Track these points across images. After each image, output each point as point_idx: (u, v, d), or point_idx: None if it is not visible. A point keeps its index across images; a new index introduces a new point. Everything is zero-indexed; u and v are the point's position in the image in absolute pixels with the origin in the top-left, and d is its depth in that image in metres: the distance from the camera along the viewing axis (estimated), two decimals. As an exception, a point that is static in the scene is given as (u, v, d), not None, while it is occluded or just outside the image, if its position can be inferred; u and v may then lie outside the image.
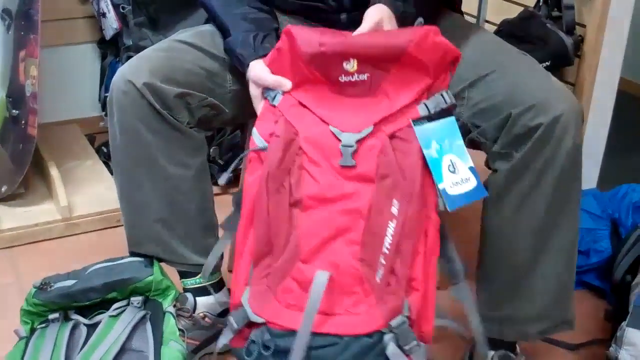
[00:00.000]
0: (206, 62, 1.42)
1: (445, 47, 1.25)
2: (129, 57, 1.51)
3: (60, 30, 2.43)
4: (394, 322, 1.16)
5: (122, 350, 1.37)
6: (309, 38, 1.26)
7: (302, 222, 1.22)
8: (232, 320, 1.22)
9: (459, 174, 1.26)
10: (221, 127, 2.25)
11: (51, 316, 1.46)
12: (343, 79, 1.26)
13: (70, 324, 1.44)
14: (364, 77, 1.26)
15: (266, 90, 1.31)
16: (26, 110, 1.98)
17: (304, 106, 1.28)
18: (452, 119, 1.27)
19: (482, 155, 1.43)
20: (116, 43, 2.38)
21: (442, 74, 1.27)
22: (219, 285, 1.60)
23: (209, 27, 1.48)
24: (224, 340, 1.24)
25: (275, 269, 1.21)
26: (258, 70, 1.32)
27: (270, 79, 1.30)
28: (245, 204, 1.25)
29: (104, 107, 2.45)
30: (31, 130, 1.97)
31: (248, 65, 1.34)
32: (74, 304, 1.46)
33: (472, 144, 1.43)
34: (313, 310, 1.15)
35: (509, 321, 1.42)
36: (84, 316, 1.48)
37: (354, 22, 1.31)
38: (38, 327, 1.47)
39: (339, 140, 1.23)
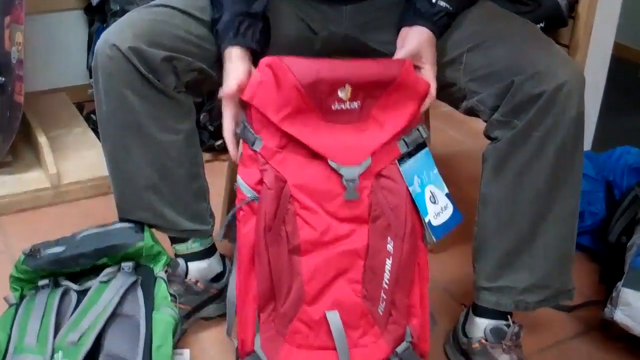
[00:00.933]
0: (192, 26, 1.39)
1: (420, 78, 1.32)
2: (117, 23, 1.48)
3: (46, -4, 2.39)
4: (399, 349, 1.30)
5: (113, 315, 1.36)
6: (304, 66, 1.25)
7: (302, 267, 1.27)
8: None
9: (438, 203, 1.34)
10: (211, 93, 2.21)
11: (41, 283, 1.45)
12: (336, 106, 1.27)
13: (60, 290, 1.43)
14: (356, 105, 1.28)
15: (244, 133, 1.30)
16: (12, 77, 1.95)
17: (293, 140, 1.27)
18: (426, 150, 1.34)
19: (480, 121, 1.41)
20: (103, 9, 2.34)
21: (421, 103, 1.32)
22: (210, 251, 1.59)
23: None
24: None
25: (281, 314, 1.28)
26: (232, 70, 1.31)
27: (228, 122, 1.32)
28: (242, 254, 1.29)
29: (92, 74, 2.41)
30: (18, 97, 1.94)
31: (224, 50, 1.33)
32: (64, 270, 1.45)
33: (469, 111, 1.41)
34: (343, 346, 1.27)
35: (508, 291, 1.41)
36: (74, 282, 1.47)
37: None
38: (28, 293, 1.46)
39: (339, 176, 1.27)
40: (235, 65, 1.31)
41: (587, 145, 2.18)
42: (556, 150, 1.31)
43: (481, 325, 1.44)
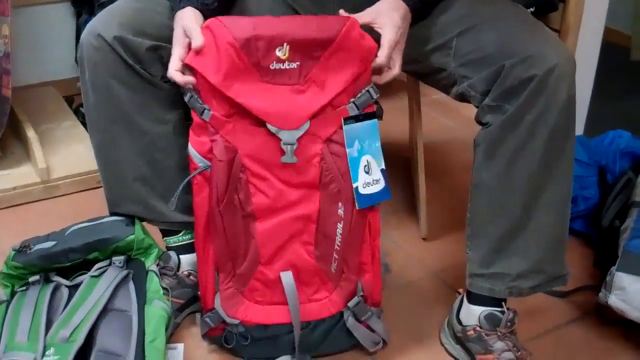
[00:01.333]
0: None
1: (366, 38, 1.30)
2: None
3: (32, -12, 2.36)
4: (351, 303, 1.41)
5: (105, 310, 1.35)
6: (241, 24, 1.27)
7: (257, 232, 1.36)
8: (209, 320, 1.41)
9: (371, 174, 1.36)
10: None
11: (31, 279, 1.44)
12: (274, 66, 1.28)
13: (51, 286, 1.42)
14: (295, 65, 1.29)
15: (191, 102, 1.31)
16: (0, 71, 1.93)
17: (240, 107, 1.29)
18: (374, 121, 1.35)
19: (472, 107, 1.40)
20: (91, 0, 2.32)
21: (367, 64, 1.31)
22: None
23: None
24: (201, 332, 1.44)
25: (239, 274, 1.38)
26: (187, 20, 1.30)
27: (197, 38, 1.27)
28: (198, 222, 1.37)
29: (80, 67, 2.39)
30: (5, 91, 1.92)
31: (176, 12, 1.32)
32: (54, 265, 1.44)
33: (460, 96, 1.40)
34: (295, 303, 1.37)
35: (501, 278, 1.40)
36: (66, 278, 1.46)
37: None
38: (18, 290, 1.45)
39: (279, 139, 1.30)
40: (185, 26, 1.29)
41: (579, 130, 2.17)
42: (548, 135, 1.30)
43: (475, 313, 1.43)
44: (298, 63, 1.28)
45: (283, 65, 1.28)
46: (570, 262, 1.43)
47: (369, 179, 1.35)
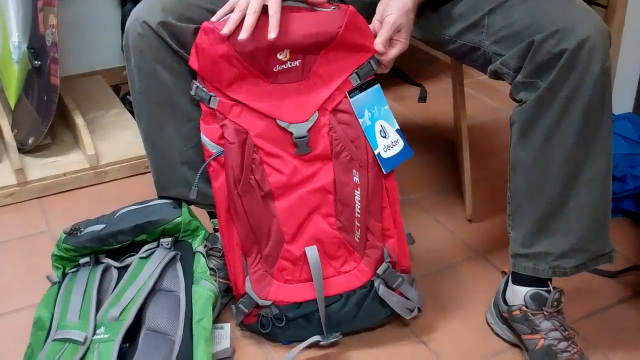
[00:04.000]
0: None
1: (365, 25, 1.34)
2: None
3: (78, -22, 2.40)
4: (380, 270, 1.43)
5: (153, 290, 1.38)
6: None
7: (277, 210, 1.38)
8: (242, 307, 1.43)
9: (389, 137, 1.40)
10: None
11: (82, 260, 1.47)
12: (277, 68, 1.33)
13: (101, 267, 1.45)
14: (297, 63, 1.34)
15: (197, 92, 1.36)
16: (48, 60, 1.97)
17: (244, 104, 1.34)
18: (377, 86, 1.39)
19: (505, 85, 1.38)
20: (135, -11, 2.35)
21: (368, 52, 1.35)
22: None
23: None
24: (236, 321, 1.46)
25: (266, 256, 1.40)
26: None
27: None
28: (219, 208, 1.40)
29: (126, 55, 2.42)
30: (54, 80, 1.96)
31: None
32: (104, 247, 1.47)
33: (494, 75, 1.39)
34: (319, 279, 1.38)
35: (544, 257, 1.38)
36: (115, 259, 1.48)
37: None
38: (69, 271, 1.48)
39: (290, 133, 1.35)
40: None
41: (629, 107, 2.13)
42: (583, 110, 1.27)
43: (521, 293, 1.42)
44: (300, 60, 1.33)
45: (285, 65, 1.33)
46: (620, 241, 1.41)
47: (387, 142, 1.39)
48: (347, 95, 1.36)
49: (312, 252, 1.39)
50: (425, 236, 1.78)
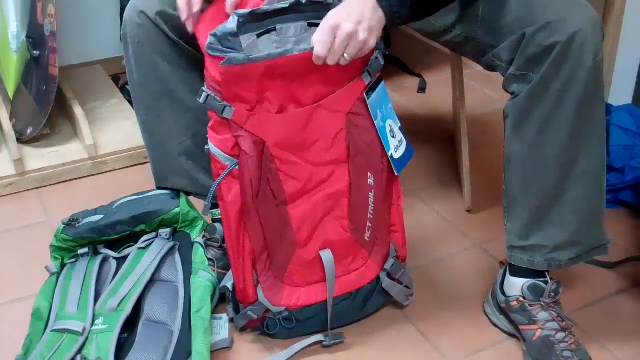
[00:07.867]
0: None
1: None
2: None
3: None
4: (387, 265, 1.45)
5: (152, 280, 1.38)
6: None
7: (291, 217, 1.33)
8: (252, 313, 1.38)
9: (396, 137, 1.38)
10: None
11: (80, 251, 1.47)
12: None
13: (99, 258, 1.45)
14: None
15: (208, 101, 1.23)
16: (46, 50, 1.96)
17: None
18: (383, 83, 1.33)
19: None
20: (134, -21, 2.33)
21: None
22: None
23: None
24: (240, 325, 1.42)
25: (277, 262, 1.36)
26: None
27: None
28: (229, 218, 1.31)
29: (125, 45, 2.41)
30: (53, 70, 1.96)
31: None
32: (102, 238, 1.47)
33: (488, 66, 1.39)
34: (333, 282, 1.38)
35: (539, 250, 1.38)
36: (113, 250, 1.49)
37: None
38: (68, 262, 1.48)
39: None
40: None
41: (628, 98, 2.12)
42: (576, 104, 1.27)
43: (518, 284, 1.42)
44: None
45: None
46: (618, 233, 1.41)
47: (396, 142, 1.37)
48: (365, 95, 1.30)
49: (327, 256, 1.37)
50: (423, 227, 1.78)
